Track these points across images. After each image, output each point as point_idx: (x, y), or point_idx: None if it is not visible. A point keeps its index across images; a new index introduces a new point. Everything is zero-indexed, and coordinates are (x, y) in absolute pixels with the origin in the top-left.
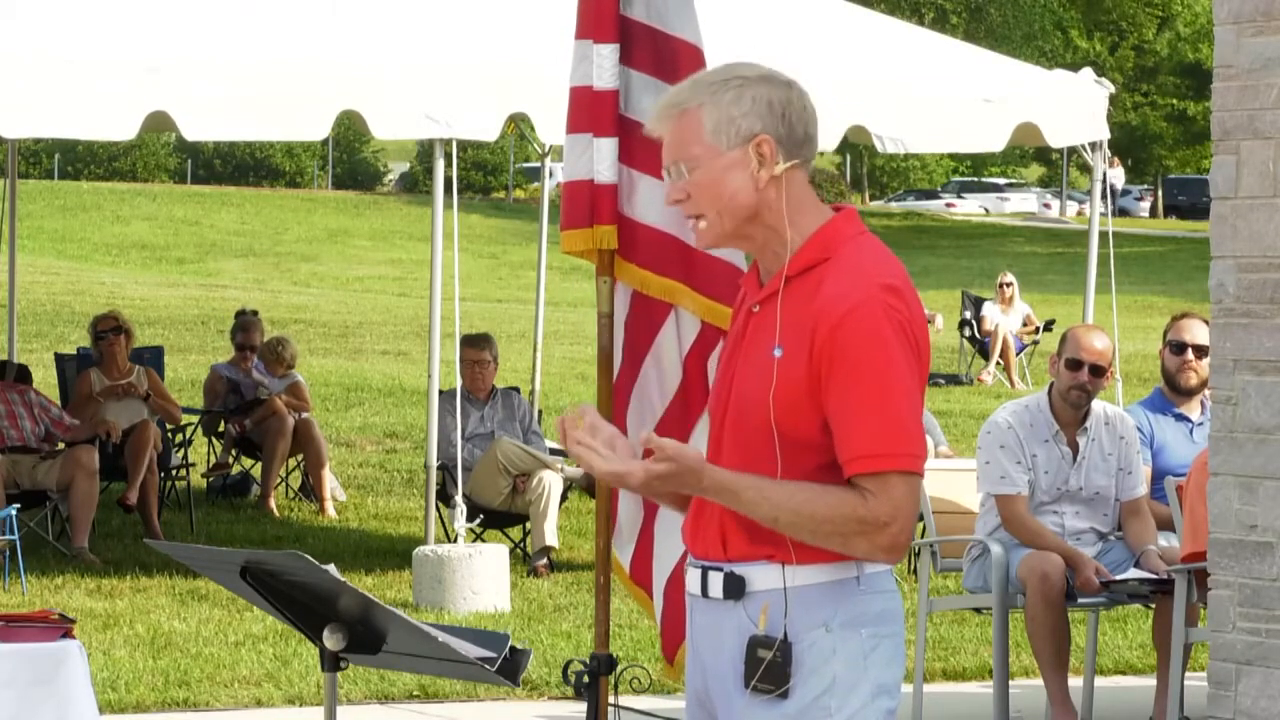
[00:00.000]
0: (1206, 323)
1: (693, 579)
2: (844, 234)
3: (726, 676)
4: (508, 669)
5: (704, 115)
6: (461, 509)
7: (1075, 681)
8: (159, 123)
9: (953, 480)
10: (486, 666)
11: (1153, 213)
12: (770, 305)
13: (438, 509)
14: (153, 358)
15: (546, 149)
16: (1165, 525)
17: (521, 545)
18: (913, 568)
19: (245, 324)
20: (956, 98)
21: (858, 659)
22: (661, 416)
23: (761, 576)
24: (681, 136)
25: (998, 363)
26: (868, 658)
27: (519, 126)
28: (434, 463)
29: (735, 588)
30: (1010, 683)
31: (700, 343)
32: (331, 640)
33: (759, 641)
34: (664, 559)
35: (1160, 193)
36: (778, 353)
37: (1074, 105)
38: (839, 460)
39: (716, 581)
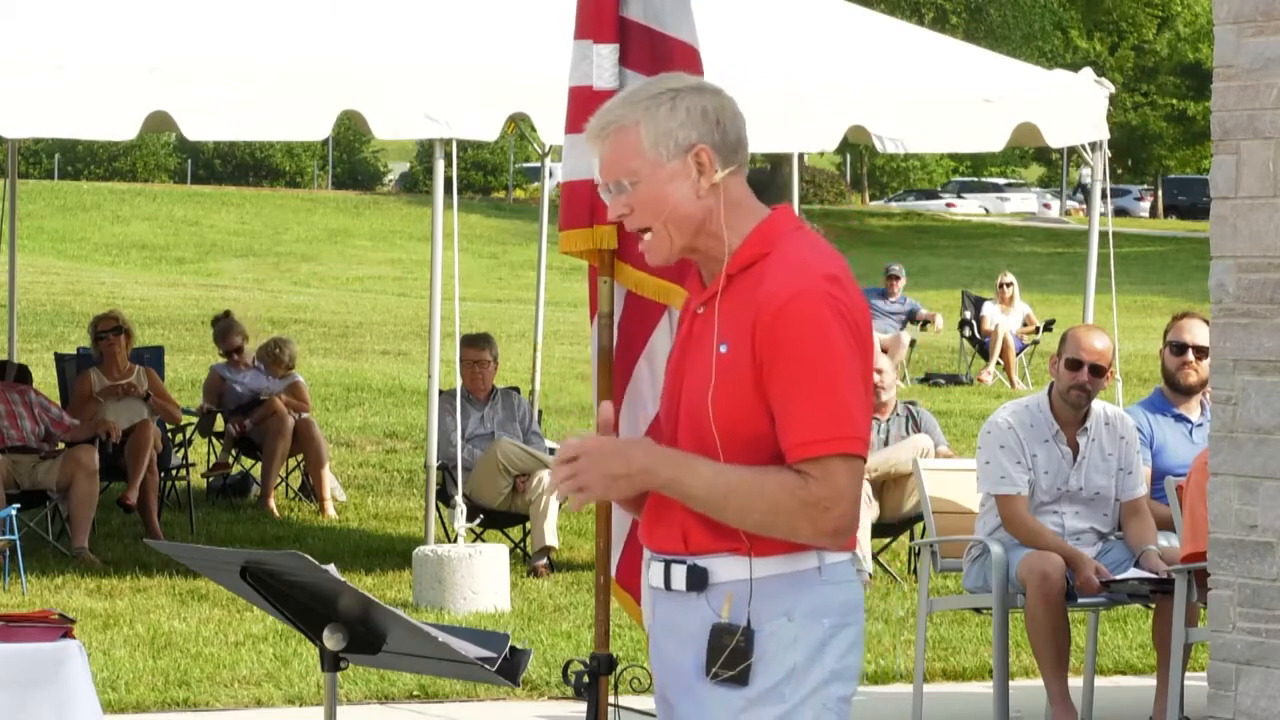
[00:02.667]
0: (1207, 323)
1: (655, 573)
2: (781, 229)
3: (687, 667)
4: (508, 669)
5: (641, 130)
6: (461, 509)
7: (1075, 681)
8: (159, 123)
9: (953, 480)
10: (486, 666)
11: (1153, 213)
12: (713, 305)
13: (438, 509)
14: (153, 358)
15: (546, 149)
16: (1165, 525)
17: (521, 545)
18: (913, 568)
19: (223, 329)
20: (956, 98)
21: (816, 647)
22: (654, 419)
23: (724, 568)
24: (620, 152)
25: (998, 363)
26: (826, 645)
27: (519, 126)
28: (434, 463)
29: (698, 580)
30: (1010, 683)
31: None
32: (331, 640)
33: (723, 629)
34: None
35: (1160, 193)
36: (722, 349)
37: (1074, 105)
38: (782, 448)
39: (679, 574)
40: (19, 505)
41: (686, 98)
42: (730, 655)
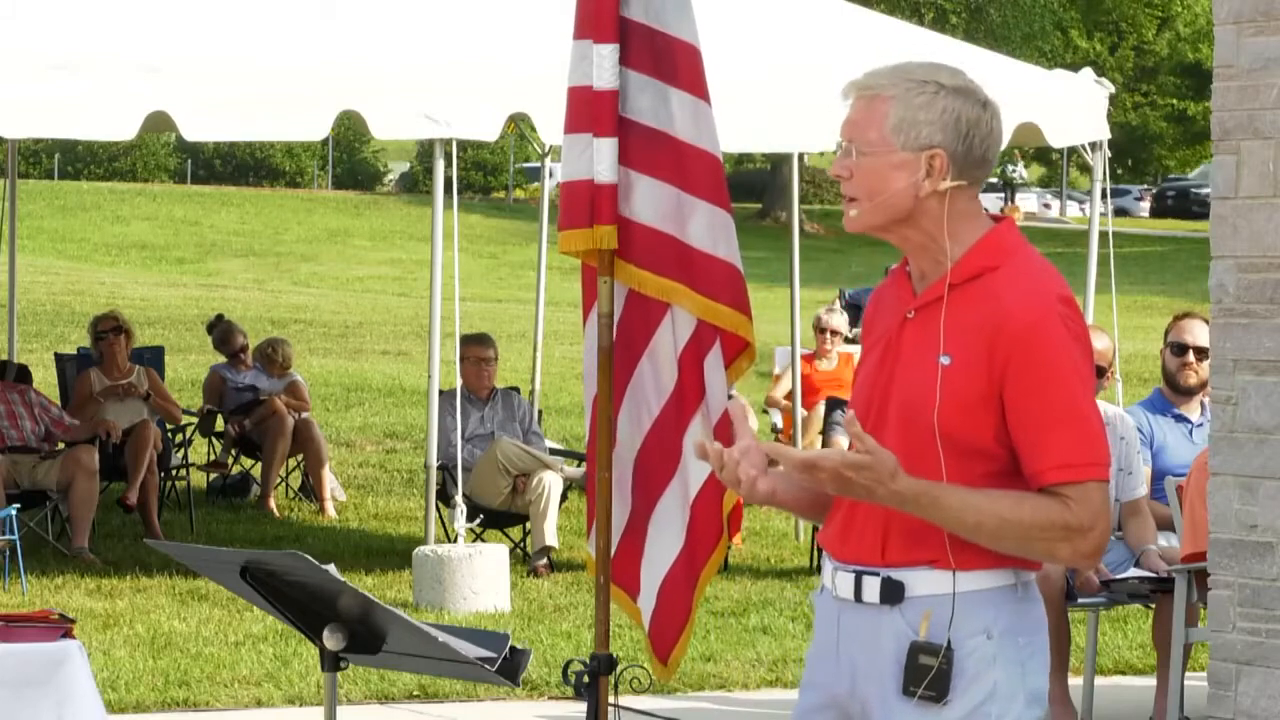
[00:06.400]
0: (1207, 323)
1: (844, 583)
2: (1008, 244)
3: (884, 679)
4: (508, 669)
5: (891, 107)
6: (461, 509)
7: (1075, 681)
8: (159, 123)
9: None
10: (486, 666)
11: (1153, 213)
12: (930, 313)
13: (438, 509)
14: (153, 358)
15: (546, 149)
16: (1165, 525)
17: (521, 545)
18: None
19: (222, 334)
20: None
21: (1016, 666)
22: (657, 416)
23: (921, 582)
24: (865, 119)
25: None
26: (1024, 665)
27: (519, 126)
28: (434, 463)
29: (893, 593)
30: None
31: (695, 342)
32: (331, 640)
33: (921, 648)
34: (656, 559)
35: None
36: (944, 360)
37: (1074, 105)
38: (1031, 468)
39: (872, 586)
40: (19, 505)
41: (948, 98)
42: (932, 676)
